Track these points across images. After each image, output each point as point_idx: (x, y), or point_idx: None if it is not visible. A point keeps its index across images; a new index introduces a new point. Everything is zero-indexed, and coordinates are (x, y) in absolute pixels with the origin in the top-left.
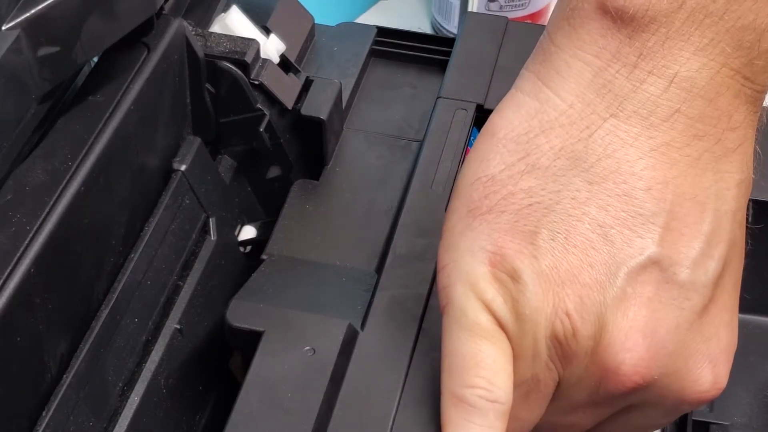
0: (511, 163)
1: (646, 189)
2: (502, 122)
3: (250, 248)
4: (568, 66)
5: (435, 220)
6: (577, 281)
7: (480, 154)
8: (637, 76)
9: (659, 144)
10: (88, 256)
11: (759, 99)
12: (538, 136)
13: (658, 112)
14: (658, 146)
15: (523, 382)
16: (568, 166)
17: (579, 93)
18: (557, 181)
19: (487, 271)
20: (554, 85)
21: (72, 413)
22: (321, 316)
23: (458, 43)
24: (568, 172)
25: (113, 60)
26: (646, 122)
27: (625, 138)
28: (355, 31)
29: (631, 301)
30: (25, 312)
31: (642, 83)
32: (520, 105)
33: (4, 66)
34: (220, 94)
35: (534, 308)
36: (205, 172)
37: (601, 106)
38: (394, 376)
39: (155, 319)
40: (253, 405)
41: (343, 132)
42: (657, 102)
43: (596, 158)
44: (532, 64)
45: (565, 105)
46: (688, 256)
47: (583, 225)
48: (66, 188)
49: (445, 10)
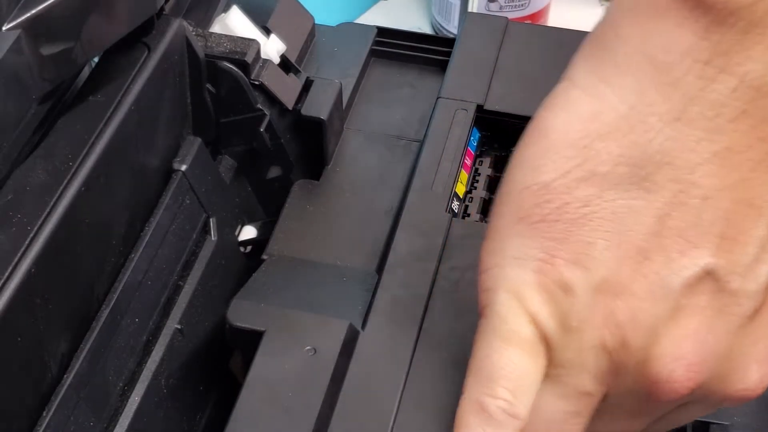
0: (567, 171)
1: (703, 198)
2: (555, 123)
3: (250, 248)
4: (630, 60)
5: (435, 220)
6: (629, 293)
7: (531, 160)
8: (708, 74)
9: (721, 148)
10: (88, 256)
11: None
12: (595, 141)
13: (724, 113)
14: (720, 150)
15: (568, 394)
16: (626, 174)
17: (640, 92)
18: (614, 190)
19: (534, 279)
20: (613, 82)
21: (72, 413)
22: (322, 316)
23: (458, 44)
24: (625, 180)
25: (114, 60)
26: (710, 124)
27: (686, 143)
28: (355, 31)
29: (684, 311)
30: (25, 312)
31: (712, 82)
32: (575, 104)
33: (5, 66)
34: (220, 94)
35: (583, 320)
36: (206, 172)
37: (664, 108)
38: (395, 376)
39: (156, 319)
40: (253, 405)
41: (344, 132)
42: (725, 102)
43: (655, 166)
44: (588, 53)
45: (625, 107)
46: (742, 263)
47: (638, 235)
48: (66, 188)
49: (445, 10)
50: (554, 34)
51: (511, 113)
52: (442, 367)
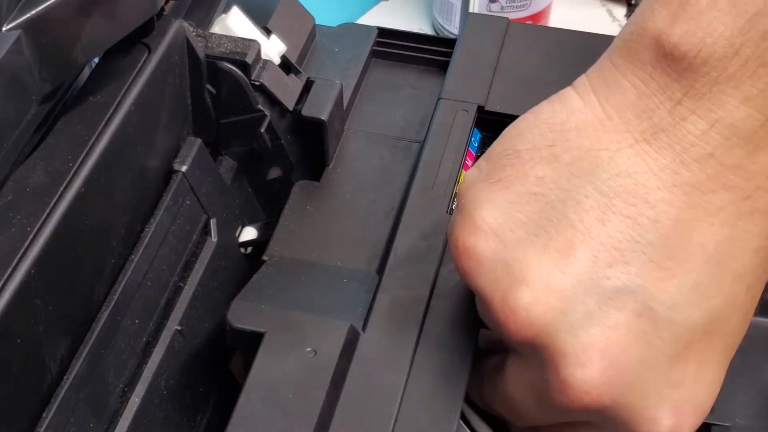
0: (538, 147)
1: (653, 220)
2: (547, 108)
3: (250, 249)
4: (618, 83)
5: (436, 221)
6: (540, 282)
7: (518, 129)
8: (680, 113)
9: (684, 182)
10: (88, 257)
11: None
12: (571, 131)
13: (692, 151)
14: (682, 184)
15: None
16: (587, 171)
17: (620, 110)
18: (570, 181)
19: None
20: (600, 95)
21: (72, 415)
22: (322, 317)
23: (459, 44)
24: (584, 176)
25: (114, 61)
26: (677, 158)
27: (651, 165)
28: (356, 31)
29: (596, 321)
30: (25, 313)
31: (683, 120)
32: (567, 99)
33: (5, 67)
34: (220, 94)
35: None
36: (206, 173)
37: (638, 129)
38: (396, 378)
39: (156, 321)
40: (254, 406)
41: (344, 133)
42: (693, 141)
43: (616, 173)
44: (591, 71)
45: (604, 115)
46: (671, 297)
47: (573, 231)
48: (66, 189)
49: (446, 11)
50: (555, 35)
51: (512, 114)
52: (442, 369)
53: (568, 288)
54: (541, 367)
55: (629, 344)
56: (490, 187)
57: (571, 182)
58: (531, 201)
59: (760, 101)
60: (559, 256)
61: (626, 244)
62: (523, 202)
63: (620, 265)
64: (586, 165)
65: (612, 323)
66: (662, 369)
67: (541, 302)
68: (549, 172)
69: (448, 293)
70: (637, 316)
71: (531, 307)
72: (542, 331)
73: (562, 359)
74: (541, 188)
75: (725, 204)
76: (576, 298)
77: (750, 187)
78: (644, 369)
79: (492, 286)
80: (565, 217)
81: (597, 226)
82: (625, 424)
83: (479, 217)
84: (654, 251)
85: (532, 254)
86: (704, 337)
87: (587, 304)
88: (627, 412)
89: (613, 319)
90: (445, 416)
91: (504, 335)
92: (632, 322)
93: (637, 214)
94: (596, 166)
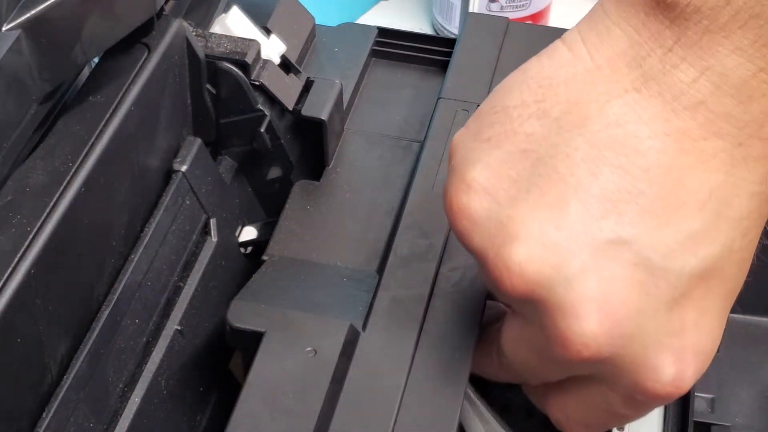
0: (527, 103)
1: (645, 169)
2: (535, 63)
3: (250, 249)
4: (609, 32)
5: (436, 220)
6: (534, 238)
7: (506, 86)
8: (670, 60)
9: (674, 129)
10: (88, 257)
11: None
12: (560, 84)
13: (682, 99)
14: (672, 131)
15: None
16: (576, 124)
17: (610, 59)
18: (560, 135)
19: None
20: (590, 45)
21: (72, 414)
22: (322, 316)
23: (459, 44)
24: (573, 129)
25: (114, 61)
26: (667, 106)
27: (641, 114)
28: (355, 31)
29: (592, 273)
30: (25, 313)
31: (674, 68)
32: (555, 52)
33: (5, 67)
34: (220, 94)
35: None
36: (206, 173)
37: (627, 78)
38: (396, 377)
39: (156, 320)
40: (254, 406)
41: (344, 133)
42: (683, 89)
43: (606, 124)
44: (582, 22)
45: (593, 65)
46: (666, 245)
47: (564, 185)
48: (66, 189)
49: (446, 10)
50: (555, 35)
51: None
52: (442, 369)
53: (562, 242)
54: (540, 324)
55: (626, 295)
56: (480, 146)
57: (560, 136)
58: (521, 158)
59: (751, 51)
60: (552, 211)
61: (618, 195)
62: (514, 160)
63: (613, 216)
64: (576, 118)
65: (608, 275)
66: (661, 318)
67: (535, 258)
68: (538, 128)
69: (448, 292)
70: (633, 266)
71: (526, 263)
72: (538, 286)
73: (560, 313)
74: (531, 145)
75: (717, 151)
76: (570, 251)
77: (742, 134)
78: (643, 319)
79: (486, 244)
80: (556, 172)
81: (588, 179)
82: (628, 375)
83: (471, 178)
84: (647, 200)
85: (525, 211)
86: (702, 284)
87: (582, 257)
88: (628, 363)
89: (609, 270)
90: (445, 416)
91: (501, 293)
92: (628, 272)
93: (628, 164)
94: (586, 119)
